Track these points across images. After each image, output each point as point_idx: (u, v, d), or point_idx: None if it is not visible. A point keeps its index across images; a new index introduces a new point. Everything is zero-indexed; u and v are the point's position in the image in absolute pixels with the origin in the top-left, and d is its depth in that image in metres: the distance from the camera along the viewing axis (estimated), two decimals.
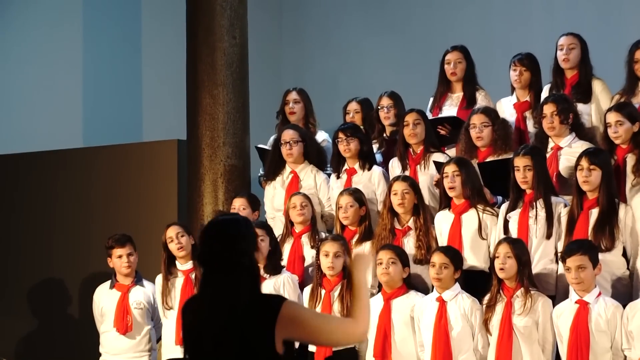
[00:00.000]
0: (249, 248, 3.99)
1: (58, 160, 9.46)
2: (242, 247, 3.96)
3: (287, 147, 7.82)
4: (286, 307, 3.90)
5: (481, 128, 7.26)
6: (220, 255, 3.96)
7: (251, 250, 3.99)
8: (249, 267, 3.97)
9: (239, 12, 8.50)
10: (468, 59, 7.95)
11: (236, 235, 3.98)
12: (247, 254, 3.97)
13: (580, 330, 6.10)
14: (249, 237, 4.01)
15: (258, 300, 3.95)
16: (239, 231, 4.00)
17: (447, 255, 6.51)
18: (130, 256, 7.58)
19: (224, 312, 3.93)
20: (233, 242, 3.97)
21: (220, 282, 3.97)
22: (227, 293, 3.94)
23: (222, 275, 3.97)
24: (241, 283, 3.94)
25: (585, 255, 6.12)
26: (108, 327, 7.58)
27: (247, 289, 3.95)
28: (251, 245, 4.01)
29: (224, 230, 4.02)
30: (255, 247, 4.03)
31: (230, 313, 3.91)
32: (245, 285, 3.94)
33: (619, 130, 6.82)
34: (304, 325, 3.90)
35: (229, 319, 3.91)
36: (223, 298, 3.95)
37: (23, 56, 10.61)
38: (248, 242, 4.00)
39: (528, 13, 10.25)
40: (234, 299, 3.92)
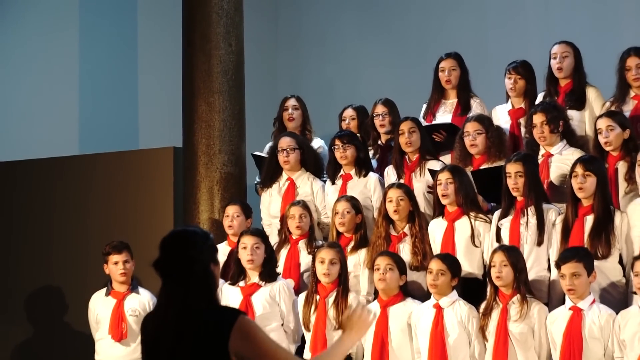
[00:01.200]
0: (202, 258, 3.97)
1: (55, 167, 9.45)
2: (193, 256, 3.95)
3: (283, 155, 7.82)
4: (241, 321, 3.88)
5: (475, 136, 7.28)
6: (170, 263, 3.97)
7: (205, 261, 3.97)
8: (202, 277, 3.95)
9: (235, 19, 8.52)
10: (462, 66, 7.97)
11: (188, 245, 3.98)
12: (198, 262, 3.95)
13: (574, 337, 6.11)
14: (203, 248, 4.00)
15: (213, 310, 3.93)
16: (192, 241, 4.00)
17: (445, 262, 6.51)
18: (126, 263, 7.58)
19: (175, 322, 3.92)
20: (184, 250, 3.97)
21: (172, 292, 3.97)
22: (178, 303, 3.94)
23: (174, 285, 3.97)
24: (192, 293, 3.92)
25: (580, 262, 6.13)
26: (103, 335, 7.58)
27: (199, 299, 3.92)
28: (206, 255, 3.99)
29: (177, 239, 4.03)
30: (213, 259, 4.01)
31: (180, 323, 3.91)
32: (196, 295, 3.93)
33: (610, 135, 6.83)
34: (256, 345, 3.86)
35: (180, 330, 3.91)
36: (174, 308, 3.94)
37: (20, 64, 10.61)
38: (201, 251, 3.98)
39: (523, 20, 10.26)
40: (183, 309, 3.92)
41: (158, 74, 10.68)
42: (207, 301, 3.95)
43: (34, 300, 9.34)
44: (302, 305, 6.94)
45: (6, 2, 10.71)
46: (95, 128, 10.67)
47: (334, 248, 6.91)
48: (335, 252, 6.87)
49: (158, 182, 8.99)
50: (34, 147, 10.11)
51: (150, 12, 10.94)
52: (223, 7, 8.43)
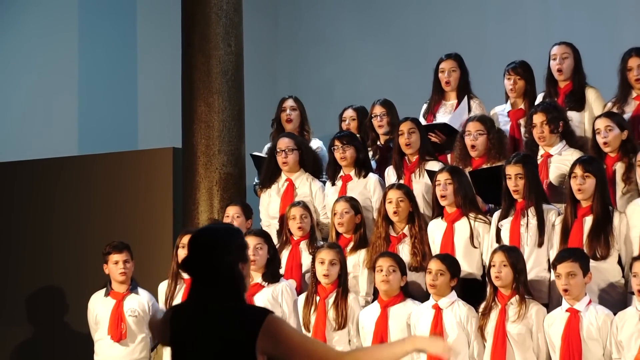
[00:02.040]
0: (229, 258, 3.94)
1: (54, 168, 9.45)
2: (218, 257, 3.93)
3: (282, 156, 7.82)
4: (270, 320, 3.86)
5: (476, 136, 7.27)
6: (198, 262, 3.96)
7: (232, 260, 3.95)
8: (228, 278, 3.93)
9: (234, 20, 8.52)
10: (462, 67, 7.96)
11: (214, 245, 3.96)
12: (224, 263, 3.93)
13: (572, 339, 6.11)
14: (230, 247, 3.97)
15: (241, 311, 3.92)
16: (219, 240, 3.98)
17: (444, 262, 6.51)
18: (126, 263, 7.57)
19: (203, 321, 3.91)
20: (210, 250, 3.95)
21: (200, 291, 3.96)
22: (206, 302, 3.93)
23: (201, 284, 3.96)
24: (218, 293, 3.91)
25: (576, 262, 6.13)
26: (102, 335, 7.57)
27: (226, 299, 3.91)
28: (232, 255, 3.96)
29: (203, 239, 4.02)
30: (241, 258, 3.98)
31: (207, 322, 3.90)
32: (223, 295, 3.91)
33: (608, 135, 6.83)
34: (285, 343, 3.85)
35: (207, 328, 3.89)
36: (202, 307, 3.93)
37: (19, 64, 10.61)
38: (228, 251, 3.95)
39: (523, 21, 10.26)
40: (210, 308, 3.91)
41: (157, 75, 10.69)
42: (234, 301, 3.92)
43: (33, 301, 9.35)
44: (302, 306, 6.94)
45: (5, 3, 10.70)
46: (95, 128, 10.67)
47: (333, 249, 6.91)
48: (335, 253, 6.87)
49: (157, 182, 8.99)
50: (34, 148, 10.11)
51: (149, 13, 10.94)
52: (222, 7, 8.43)
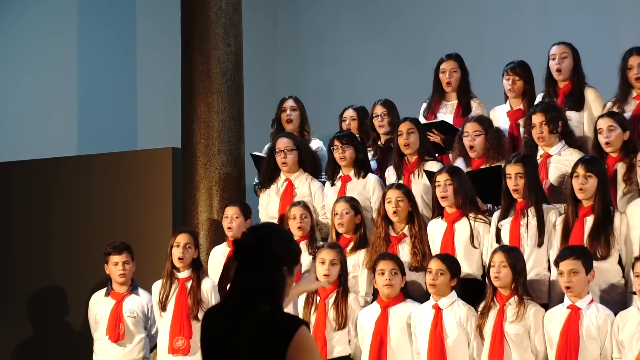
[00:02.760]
0: (279, 253, 3.88)
1: (53, 168, 9.45)
2: (270, 244, 3.88)
3: (281, 156, 7.82)
4: (302, 332, 3.80)
5: (473, 137, 7.27)
6: (249, 245, 3.88)
7: (281, 258, 3.89)
8: (271, 271, 3.87)
9: (234, 20, 8.52)
10: (463, 68, 7.96)
11: (272, 234, 3.93)
12: (274, 254, 3.87)
13: (571, 336, 6.11)
14: (284, 245, 3.93)
15: (276, 317, 3.86)
16: (277, 233, 3.96)
17: (444, 262, 6.51)
18: (126, 264, 7.58)
19: (237, 323, 3.86)
20: (265, 237, 3.90)
21: (240, 285, 3.90)
22: (244, 302, 3.87)
23: (243, 271, 3.89)
24: (258, 286, 3.86)
25: (579, 260, 6.13)
26: (101, 335, 7.58)
27: (263, 298, 3.85)
28: (283, 253, 3.91)
29: (265, 227, 4.01)
30: (288, 263, 3.91)
31: (241, 325, 3.85)
32: (261, 292, 3.85)
33: (611, 135, 6.82)
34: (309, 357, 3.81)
35: (240, 332, 3.85)
36: (238, 309, 3.88)
37: (19, 65, 10.61)
38: (281, 247, 3.91)
39: (522, 20, 10.27)
40: (247, 310, 3.85)
41: (157, 75, 10.69)
42: (269, 302, 3.86)
43: (33, 301, 9.35)
44: (302, 306, 6.94)
45: (5, 3, 10.70)
46: (94, 128, 10.67)
47: (334, 249, 6.91)
48: (335, 253, 6.87)
49: (157, 182, 8.99)
50: (33, 148, 10.11)
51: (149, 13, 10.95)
52: (222, 7, 8.43)
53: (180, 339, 7.25)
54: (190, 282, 7.35)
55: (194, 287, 7.31)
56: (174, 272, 7.40)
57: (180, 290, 7.35)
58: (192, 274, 7.36)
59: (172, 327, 7.28)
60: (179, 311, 7.29)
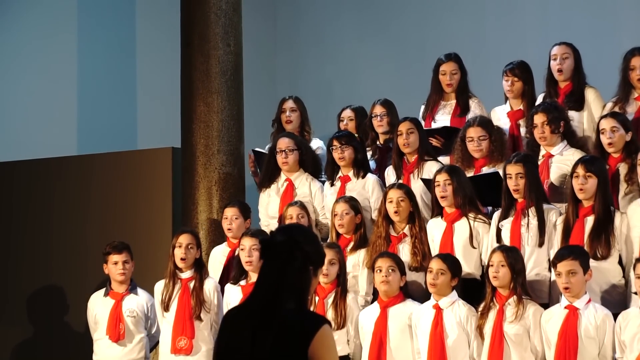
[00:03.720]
0: (307, 250, 3.93)
1: (53, 168, 9.45)
2: (299, 243, 3.93)
3: (282, 156, 7.81)
4: (324, 330, 3.86)
5: (479, 142, 7.26)
6: (278, 242, 3.94)
7: (307, 256, 3.94)
8: (298, 269, 3.92)
9: (234, 20, 8.52)
10: (462, 69, 7.94)
11: (301, 233, 3.99)
12: (301, 251, 3.92)
13: (569, 336, 6.10)
14: (313, 246, 3.98)
15: (298, 315, 3.90)
16: (306, 234, 4.02)
17: (445, 262, 6.51)
18: (125, 263, 7.57)
19: (260, 320, 3.89)
20: (295, 235, 3.96)
21: (265, 283, 3.94)
22: (268, 299, 3.90)
23: (270, 268, 3.93)
24: (283, 282, 3.89)
25: (576, 260, 6.13)
26: (101, 335, 7.58)
27: (289, 295, 3.89)
28: (310, 251, 3.96)
29: (294, 227, 4.07)
30: (314, 263, 3.96)
31: (266, 322, 3.87)
32: (288, 289, 3.89)
33: (614, 136, 6.82)
34: (327, 357, 3.85)
35: (264, 329, 3.88)
36: (261, 304, 3.91)
37: (18, 64, 10.60)
38: (309, 245, 3.96)
39: (522, 20, 10.26)
40: (272, 308, 3.89)
41: (156, 74, 10.69)
42: (295, 299, 3.90)
43: (32, 300, 9.35)
44: None
45: (5, 3, 10.70)
46: (94, 128, 10.67)
47: (332, 248, 6.90)
48: (334, 253, 6.86)
49: (156, 182, 8.99)
50: (33, 148, 10.11)
51: (148, 13, 10.95)
52: (221, 7, 8.43)
53: (182, 339, 7.24)
54: (192, 282, 7.34)
55: (197, 287, 7.30)
56: (177, 272, 7.40)
57: (183, 290, 7.34)
58: (194, 274, 7.35)
59: (174, 327, 7.27)
60: (182, 311, 7.28)
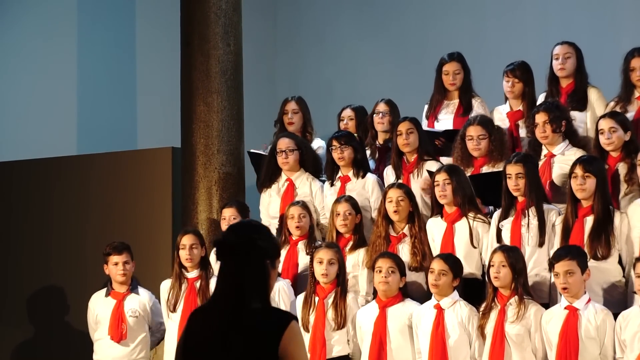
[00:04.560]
0: (262, 246, 3.92)
1: (53, 167, 9.45)
2: (254, 240, 3.91)
3: (282, 156, 7.81)
4: (293, 326, 3.86)
5: (479, 141, 7.26)
6: (231, 242, 3.92)
7: (263, 252, 3.93)
8: (257, 267, 3.91)
9: (234, 19, 8.51)
10: (465, 68, 7.94)
11: (254, 230, 3.97)
12: (258, 249, 3.90)
13: (570, 337, 6.09)
14: (265, 239, 3.96)
15: (267, 312, 3.90)
16: (259, 229, 3.99)
17: (447, 262, 6.50)
18: (126, 264, 7.56)
19: (227, 320, 3.87)
20: (248, 233, 3.94)
21: (227, 283, 3.92)
22: (232, 300, 3.88)
23: (229, 272, 3.91)
24: (246, 284, 3.88)
25: (574, 260, 6.12)
26: (102, 335, 7.57)
27: (253, 293, 3.87)
28: (265, 246, 3.94)
29: (245, 224, 4.05)
30: (271, 256, 3.96)
31: (233, 322, 3.86)
32: (250, 287, 3.88)
33: (612, 136, 6.82)
34: (296, 354, 3.84)
35: (231, 329, 3.86)
36: (227, 306, 3.89)
37: (18, 64, 10.61)
38: (262, 241, 3.94)
39: (522, 20, 10.26)
40: (237, 307, 3.87)
41: (156, 74, 10.68)
42: (259, 297, 3.89)
43: (32, 301, 9.34)
44: (301, 306, 6.93)
45: (5, 3, 10.70)
46: (94, 128, 10.67)
47: (332, 248, 6.90)
48: (333, 253, 6.86)
49: (156, 182, 8.99)
50: (32, 148, 10.11)
51: (148, 12, 10.94)
52: (221, 7, 8.42)
53: None
54: (199, 281, 7.34)
55: (203, 286, 7.30)
56: (183, 272, 7.39)
57: (189, 290, 7.34)
58: (201, 273, 7.36)
59: (180, 327, 7.26)
60: (189, 311, 7.26)
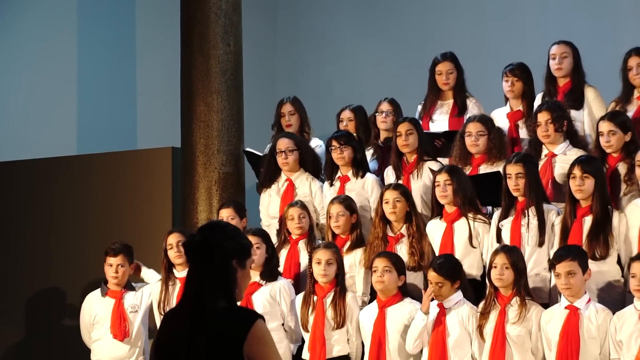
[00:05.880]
0: (226, 245, 3.92)
1: (53, 167, 9.45)
2: (216, 239, 3.91)
3: (282, 157, 7.81)
4: (258, 326, 3.85)
5: (477, 137, 7.27)
6: (195, 242, 3.93)
7: (228, 252, 3.92)
8: (220, 266, 3.90)
9: (234, 19, 8.52)
10: (458, 68, 7.95)
11: (218, 230, 3.97)
12: (220, 248, 3.90)
13: (571, 336, 6.09)
14: (230, 238, 3.96)
15: (229, 312, 3.89)
16: (223, 227, 4.00)
17: (441, 273, 6.44)
18: (120, 267, 7.50)
19: (191, 321, 3.89)
20: (211, 233, 3.94)
21: (191, 283, 3.93)
22: (195, 298, 3.90)
23: (193, 271, 3.92)
24: (207, 283, 3.89)
25: (575, 260, 6.11)
26: (100, 334, 7.54)
27: (215, 292, 3.88)
28: (230, 246, 3.94)
29: (211, 224, 4.05)
30: (238, 256, 3.96)
31: (196, 322, 3.87)
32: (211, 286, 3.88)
33: (611, 139, 6.83)
34: (264, 354, 3.84)
35: (195, 329, 3.86)
36: (193, 305, 3.91)
37: (18, 64, 10.61)
38: (227, 239, 3.94)
39: (522, 20, 10.26)
40: (200, 307, 3.88)
41: (156, 74, 10.68)
42: (223, 297, 3.89)
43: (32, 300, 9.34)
44: (300, 306, 6.94)
45: (5, 3, 10.70)
46: (94, 128, 10.67)
47: (330, 248, 6.91)
48: (331, 253, 6.86)
49: (156, 182, 8.99)
50: (32, 147, 10.11)
51: (148, 12, 10.94)
52: (221, 7, 8.43)
53: None
54: None
55: None
56: (173, 272, 7.40)
57: (181, 289, 7.32)
58: None
59: None
60: None
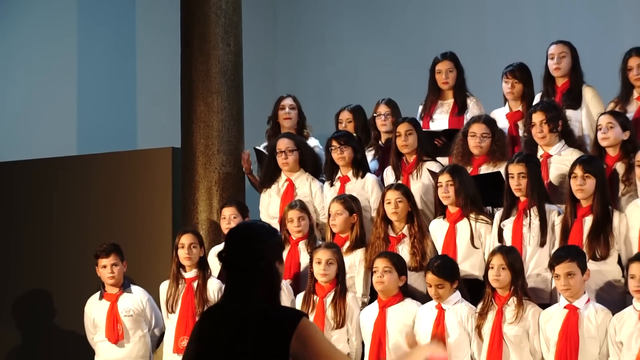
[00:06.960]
0: (269, 253, 3.93)
1: (53, 168, 9.45)
2: (260, 251, 3.91)
3: (282, 157, 7.80)
4: (304, 323, 3.85)
5: (482, 139, 7.26)
6: (237, 255, 3.93)
7: (271, 257, 3.94)
8: (267, 273, 3.91)
9: (234, 19, 8.52)
10: (458, 67, 7.94)
11: (257, 239, 3.95)
12: (265, 258, 3.91)
13: (570, 336, 6.09)
14: (271, 243, 3.97)
15: (276, 312, 3.90)
16: (260, 235, 3.97)
17: (440, 274, 6.46)
18: (114, 266, 7.51)
19: (238, 319, 3.88)
20: (252, 244, 3.93)
21: (237, 287, 3.93)
22: (242, 299, 3.90)
23: (239, 279, 3.92)
24: (256, 289, 3.89)
25: (574, 261, 6.11)
26: (102, 337, 7.57)
27: (263, 296, 3.89)
28: (272, 251, 3.95)
29: (246, 233, 4.01)
30: (279, 257, 3.98)
31: (243, 321, 3.87)
32: (261, 292, 3.89)
33: (608, 132, 6.82)
34: (314, 349, 3.83)
35: (242, 328, 3.86)
36: (237, 304, 3.90)
37: (18, 64, 10.61)
38: (269, 247, 3.95)
39: (522, 20, 10.27)
40: (247, 307, 3.88)
41: (156, 74, 10.69)
42: (271, 299, 3.91)
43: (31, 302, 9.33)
44: (300, 306, 6.94)
45: (5, 3, 10.70)
46: (94, 128, 10.67)
47: (330, 248, 6.91)
48: (332, 253, 6.86)
49: (156, 182, 8.99)
50: (32, 148, 10.11)
51: (148, 12, 10.95)
52: (221, 7, 8.43)
53: (185, 339, 7.22)
54: (197, 281, 7.34)
55: (201, 286, 7.30)
56: (181, 272, 7.40)
57: (187, 290, 7.34)
58: (198, 273, 7.35)
59: (177, 326, 7.27)
60: (185, 311, 7.29)
